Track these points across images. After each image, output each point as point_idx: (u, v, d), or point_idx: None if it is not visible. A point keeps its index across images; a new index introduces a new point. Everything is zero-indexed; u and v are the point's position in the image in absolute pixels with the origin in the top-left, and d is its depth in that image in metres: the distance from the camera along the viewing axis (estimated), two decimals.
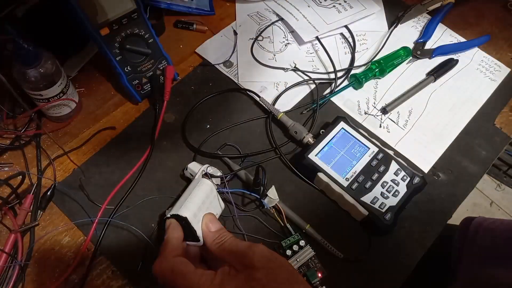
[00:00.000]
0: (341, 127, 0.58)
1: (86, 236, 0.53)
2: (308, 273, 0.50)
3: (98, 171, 0.58)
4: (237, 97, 0.66)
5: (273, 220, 0.54)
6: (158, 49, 0.62)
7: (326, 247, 0.53)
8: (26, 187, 0.55)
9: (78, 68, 0.66)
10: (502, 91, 0.69)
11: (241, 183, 0.57)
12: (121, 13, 0.56)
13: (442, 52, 0.71)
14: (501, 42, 0.75)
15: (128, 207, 0.55)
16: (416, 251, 0.54)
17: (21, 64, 0.52)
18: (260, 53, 0.70)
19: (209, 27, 0.73)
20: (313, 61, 0.70)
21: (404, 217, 0.55)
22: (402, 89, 0.67)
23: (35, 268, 0.51)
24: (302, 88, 0.67)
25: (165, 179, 0.58)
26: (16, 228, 0.51)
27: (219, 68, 0.68)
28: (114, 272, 0.51)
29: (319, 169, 0.55)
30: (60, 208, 0.55)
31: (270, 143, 0.61)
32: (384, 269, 0.53)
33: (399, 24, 0.74)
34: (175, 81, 0.66)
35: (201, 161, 0.58)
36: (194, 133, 0.61)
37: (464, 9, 0.79)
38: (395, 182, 0.55)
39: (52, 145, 0.60)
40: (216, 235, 0.44)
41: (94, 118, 0.63)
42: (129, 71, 0.61)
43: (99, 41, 0.56)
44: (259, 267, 0.38)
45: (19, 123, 0.61)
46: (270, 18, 0.74)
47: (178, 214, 0.45)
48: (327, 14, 0.73)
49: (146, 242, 0.52)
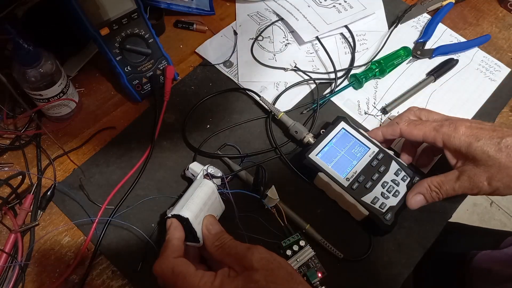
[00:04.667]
0: (341, 127, 0.58)
1: (86, 236, 0.53)
2: (308, 273, 0.50)
3: (98, 171, 0.58)
4: (237, 97, 0.66)
5: (273, 220, 0.54)
6: (158, 49, 0.62)
7: (326, 247, 0.53)
8: (26, 187, 0.55)
9: (78, 68, 0.66)
10: (502, 91, 0.69)
11: (241, 183, 0.57)
12: (121, 13, 0.56)
13: (442, 52, 0.71)
14: (501, 42, 0.75)
15: (128, 207, 0.55)
16: (416, 251, 0.54)
17: (21, 64, 0.52)
18: (260, 53, 0.70)
19: (209, 27, 0.73)
20: (313, 61, 0.70)
21: (404, 217, 0.55)
22: (402, 89, 0.68)
23: (35, 268, 0.51)
24: (302, 88, 0.67)
25: (165, 179, 0.58)
26: (16, 228, 0.51)
27: (219, 68, 0.68)
28: (114, 272, 0.51)
29: (320, 169, 0.55)
30: (60, 208, 0.55)
31: (270, 143, 0.61)
32: (384, 269, 0.53)
33: (399, 24, 0.74)
34: (175, 81, 0.66)
35: (201, 161, 0.58)
36: (194, 133, 0.61)
37: (464, 9, 0.79)
38: (395, 182, 0.55)
39: (52, 145, 0.60)
40: (216, 237, 0.44)
41: (94, 118, 0.63)
42: (129, 71, 0.61)
43: (99, 41, 0.56)
44: (258, 268, 0.38)
45: (19, 123, 0.61)
46: (270, 18, 0.74)
47: (180, 214, 0.45)
48: (327, 14, 0.73)
49: (146, 242, 0.52)
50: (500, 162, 0.46)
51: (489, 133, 0.47)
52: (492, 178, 0.46)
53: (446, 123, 0.50)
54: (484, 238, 0.75)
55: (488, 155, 0.46)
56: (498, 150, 0.46)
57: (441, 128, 0.50)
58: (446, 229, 0.57)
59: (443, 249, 0.74)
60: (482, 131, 0.48)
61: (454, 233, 0.79)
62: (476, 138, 0.47)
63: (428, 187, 0.51)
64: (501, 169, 0.46)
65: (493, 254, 0.66)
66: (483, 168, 0.47)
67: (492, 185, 0.47)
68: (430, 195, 0.51)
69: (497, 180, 0.46)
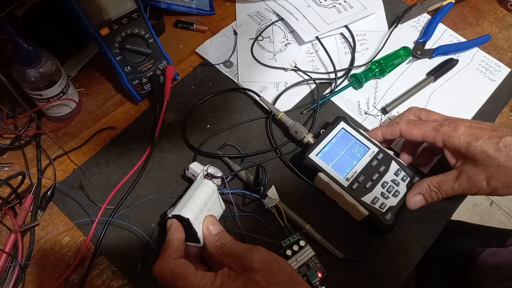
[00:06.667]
0: (341, 127, 0.58)
1: (86, 236, 0.53)
2: (308, 273, 0.50)
3: (98, 171, 0.58)
4: (237, 97, 0.66)
5: (273, 220, 0.54)
6: (158, 49, 0.62)
7: (326, 247, 0.53)
8: (26, 187, 0.55)
9: (78, 68, 0.66)
10: (502, 91, 0.69)
11: (242, 183, 0.57)
12: (121, 13, 0.56)
13: (442, 52, 0.71)
14: (501, 42, 0.75)
15: (128, 207, 0.55)
16: (416, 251, 0.55)
17: (21, 64, 0.52)
18: (260, 53, 0.70)
19: (209, 27, 0.73)
20: (313, 61, 0.70)
21: (404, 217, 0.55)
22: (402, 89, 0.68)
23: (35, 268, 0.51)
24: (302, 88, 0.67)
25: (165, 179, 0.58)
26: (16, 228, 0.51)
27: (219, 68, 0.68)
28: (114, 272, 0.51)
29: (320, 169, 0.55)
30: (60, 208, 0.55)
31: (270, 143, 0.61)
32: (384, 269, 0.53)
33: (399, 24, 0.74)
34: (175, 81, 0.66)
35: (201, 161, 0.58)
36: (194, 133, 0.61)
37: (464, 9, 0.79)
38: (395, 182, 0.55)
39: (52, 145, 0.60)
40: (216, 237, 0.45)
41: (94, 118, 0.63)
42: (129, 71, 0.61)
43: (99, 41, 0.56)
44: (258, 269, 0.38)
45: (19, 123, 0.61)
46: (270, 18, 0.74)
47: (180, 215, 0.45)
48: (327, 14, 0.73)
49: (147, 242, 0.52)
50: (499, 162, 0.46)
51: (488, 133, 0.47)
52: (491, 177, 0.46)
53: (446, 123, 0.50)
54: (489, 237, 0.75)
55: (487, 155, 0.46)
56: (497, 150, 0.46)
57: (441, 128, 0.50)
58: (450, 227, 0.57)
59: (447, 246, 0.74)
60: (482, 130, 0.48)
61: (458, 232, 0.79)
62: (475, 137, 0.48)
63: (428, 187, 0.51)
64: (500, 168, 0.46)
65: (499, 252, 0.66)
66: (482, 167, 0.47)
67: (491, 185, 0.47)
68: (429, 195, 0.51)
69: (496, 180, 0.46)
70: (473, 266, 0.68)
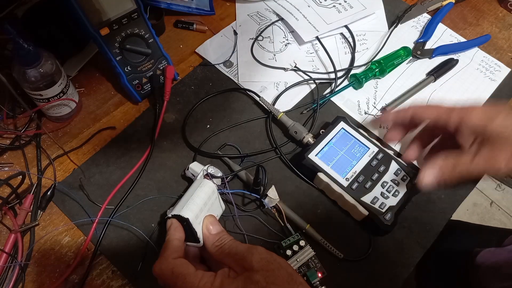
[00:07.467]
0: (341, 127, 0.58)
1: (86, 236, 0.53)
2: (308, 273, 0.50)
3: (98, 171, 0.58)
4: (237, 97, 0.66)
5: (273, 220, 0.54)
6: (158, 49, 0.62)
7: (326, 247, 0.53)
8: (26, 187, 0.55)
9: (78, 68, 0.66)
10: (502, 91, 0.69)
11: (242, 183, 0.58)
12: (121, 13, 0.56)
13: (442, 52, 0.71)
14: (501, 42, 0.75)
15: (128, 207, 0.55)
16: (416, 251, 0.55)
17: (21, 64, 0.52)
18: (260, 53, 0.70)
19: (209, 27, 0.73)
20: (313, 61, 0.70)
21: (404, 217, 0.55)
22: (402, 89, 0.68)
23: (35, 268, 0.51)
24: (302, 88, 0.67)
25: (165, 179, 0.58)
26: (16, 228, 0.51)
27: (219, 68, 0.68)
28: (114, 272, 0.51)
29: (319, 169, 0.55)
30: (60, 208, 0.55)
31: (270, 143, 0.61)
32: (384, 269, 0.53)
33: (399, 24, 0.74)
34: (175, 81, 0.66)
35: (201, 161, 0.58)
36: (194, 133, 0.61)
37: (464, 9, 0.79)
38: (395, 182, 0.55)
39: (52, 145, 0.60)
40: (216, 237, 0.45)
41: (94, 118, 0.63)
42: (129, 71, 0.61)
43: (99, 41, 0.56)
44: (258, 269, 0.38)
45: (19, 123, 0.61)
46: (270, 18, 0.74)
47: (180, 215, 0.45)
48: (327, 14, 0.73)
49: (146, 242, 0.52)
50: None
51: (505, 113, 0.46)
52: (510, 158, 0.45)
53: (459, 107, 0.49)
54: (488, 236, 0.75)
55: (505, 136, 0.45)
56: None
57: (456, 109, 0.49)
58: (449, 227, 0.57)
59: (446, 246, 0.74)
60: (498, 112, 0.47)
61: (458, 231, 0.79)
62: (491, 118, 0.46)
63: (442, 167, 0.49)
64: None
65: (497, 251, 0.66)
66: (501, 147, 0.45)
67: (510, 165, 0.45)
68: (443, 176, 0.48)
69: None
70: (473, 266, 0.68)
